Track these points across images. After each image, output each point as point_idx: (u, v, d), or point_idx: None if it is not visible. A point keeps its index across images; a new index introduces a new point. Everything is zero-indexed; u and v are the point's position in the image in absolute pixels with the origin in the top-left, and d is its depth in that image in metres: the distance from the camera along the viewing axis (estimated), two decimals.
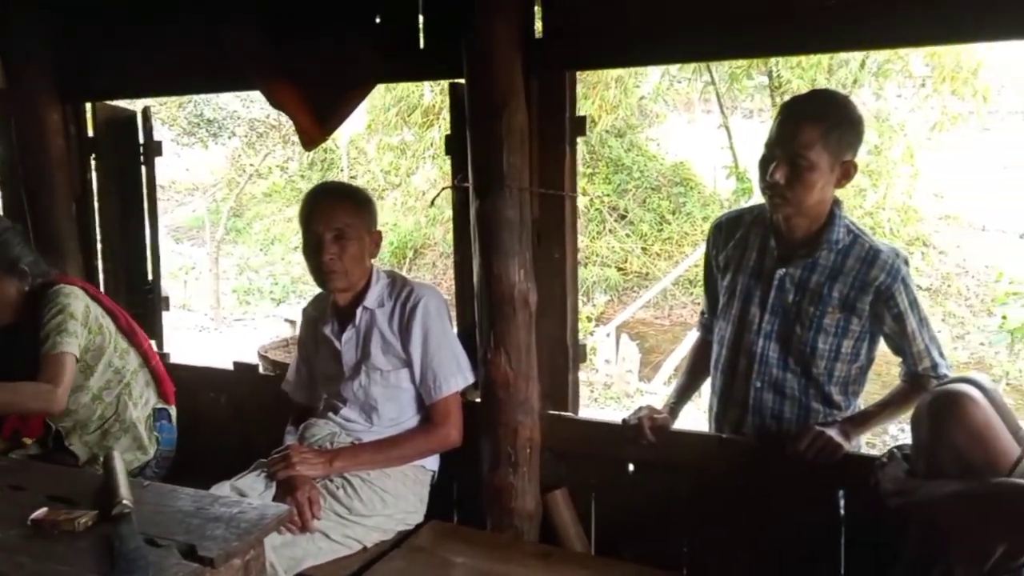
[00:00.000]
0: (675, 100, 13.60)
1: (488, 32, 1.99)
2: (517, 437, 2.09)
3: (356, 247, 2.06)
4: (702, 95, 14.20)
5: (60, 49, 2.66)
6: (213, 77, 2.61)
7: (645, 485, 2.11)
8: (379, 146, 12.60)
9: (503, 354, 2.07)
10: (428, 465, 2.15)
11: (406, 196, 12.85)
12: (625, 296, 10.74)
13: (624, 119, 11.93)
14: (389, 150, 12.57)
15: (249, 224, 13.53)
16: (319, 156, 13.38)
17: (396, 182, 13.13)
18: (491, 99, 2.01)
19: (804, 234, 1.91)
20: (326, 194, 2.13)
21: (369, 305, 2.11)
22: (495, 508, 2.11)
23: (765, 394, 1.97)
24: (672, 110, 13.79)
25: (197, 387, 2.67)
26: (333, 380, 2.17)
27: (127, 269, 2.91)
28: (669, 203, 11.96)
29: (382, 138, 12.36)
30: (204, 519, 1.54)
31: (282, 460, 1.98)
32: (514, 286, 2.06)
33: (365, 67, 2.29)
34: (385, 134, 12.27)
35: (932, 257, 10.32)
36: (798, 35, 1.86)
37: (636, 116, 12.73)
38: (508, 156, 2.02)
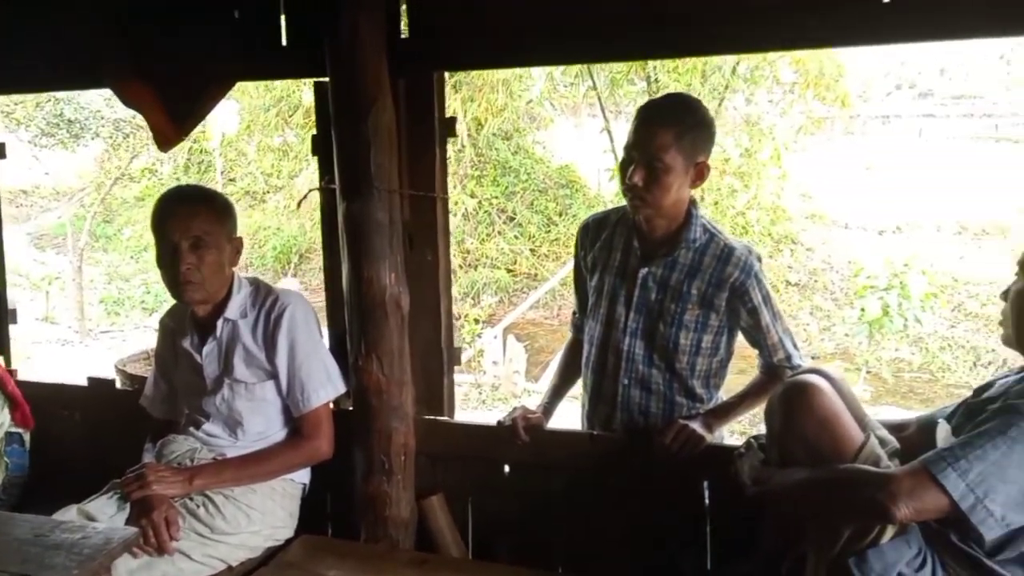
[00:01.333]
0: (562, 104, 13.84)
1: (352, 30, 1.94)
2: (391, 444, 2.05)
3: (215, 256, 1.96)
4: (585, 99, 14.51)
5: None
6: (60, 74, 2.43)
7: (520, 486, 2.12)
8: (259, 147, 12.21)
9: (375, 360, 2.03)
10: (298, 478, 2.07)
11: (289, 199, 12.49)
12: (515, 297, 10.83)
13: (511, 122, 12.05)
14: (270, 151, 12.20)
15: (119, 230, 12.81)
16: (195, 158, 12.85)
17: (279, 184, 12.75)
18: (357, 99, 1.96)
19: (664, 233, 1.96)
20: (181, 200, 2.00)
21: (230, 316, 2.01)
22: (369, 518, 2.06)
23: (632, 390, 2.01)
24: (559, 114, 14.02)
25: (49, 406, 2.49)
26: (194, 394, 2.07)
27: None
28: (556, 205, 12.14)
29: (262, 139, 11.98)
30: (43, 547, 1.43)
31: (136, 479, 1.86)
32: (385, 290, 2.02)
33: (223, 64, 2.20)
34: (265, 135, 11.91)
35: (800, 254, 10.92)
36: (653, 39, 1.91)
37: (524, 119, 12.88)
38: (376, 157, 1.98)
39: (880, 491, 1.38)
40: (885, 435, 1.62)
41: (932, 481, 1.36)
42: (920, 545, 1.46)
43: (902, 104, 23.18)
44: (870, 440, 1.51)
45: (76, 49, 2.27)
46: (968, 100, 22.80)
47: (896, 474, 1.41)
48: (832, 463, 1.50)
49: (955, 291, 9.71)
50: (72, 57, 2.29)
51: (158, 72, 2.23)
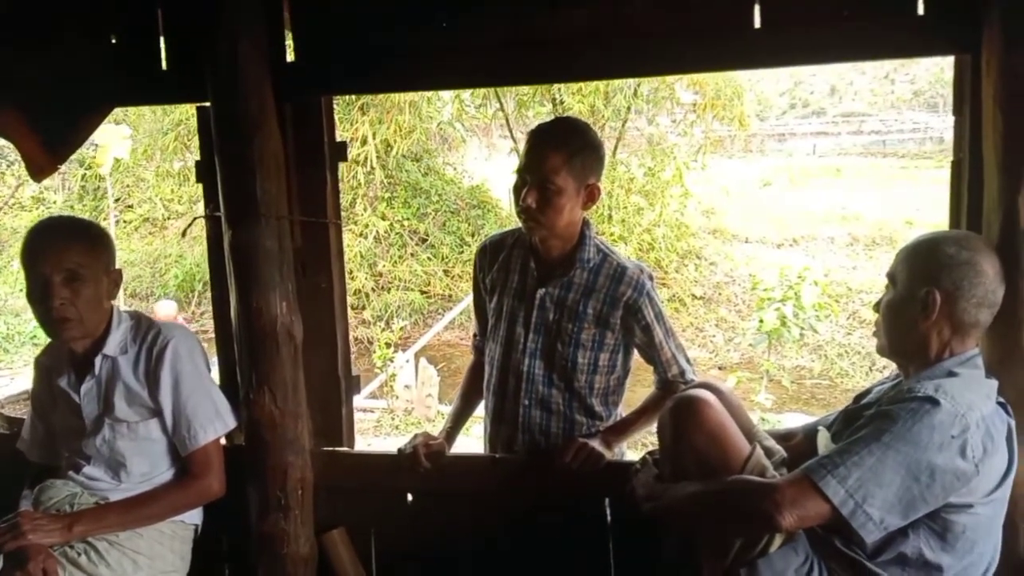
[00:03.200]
0: (472, 125, 13.93)
1: (232, 55, 1.89)
2: (287, 479, 1.98)
3: (92, 290, 1.86)
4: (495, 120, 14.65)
5: None
6: None
7: (424, 514, 2.08)
8: (158, 172, 11.79)
9: (267, 393, 1.96)
10: (189, 519, 1.98)
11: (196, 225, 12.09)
12: (429, 319, 10.76)
13: (421, 144, 12.04)
14: (169, 177, 11.81)
15: (9, 262, 12.11)
16: (90, 184, 12.31)
17: (180, 211, 12.34)
18: (240, 124, 1.91)
19: (559, 254, 1.98)
20: (52, 231, 1.89)
21: (109, 352, 1.91)
22: (266, 557, 1.99)
23: (533, 411, 2.01)
24: (470, 135, 14.10)
25: None
26: (74, 436, 1.95)
27: None
28: (468, 225, 12.18)
29: (160, 164, 11.58)
30: None
31: (10, 529, 1.74)
32: (276, 319, 1.96)
33: (100, 90, 2.11)
34: (164, 160, 11.51)
35: (704, 268, 11.28)
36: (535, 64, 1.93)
37: (435, 141, 12.90)
38: (262, 183, 1.92)
39: (765, 501, 1.41)
40: (772, 445, 1.66)
41: (814, 488, 1.40)
42: (807, 551, 1.50)
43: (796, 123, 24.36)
44: (756, 451, 1.56)
45: None
46: (857, 118, 24.17)
47: (780, 484, 1.44)
48: (721, 475, 1.53)
49: (849, 299, 10.20)
50: None
51: (29, 99, 2.12)
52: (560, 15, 1.84)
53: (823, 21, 1.74)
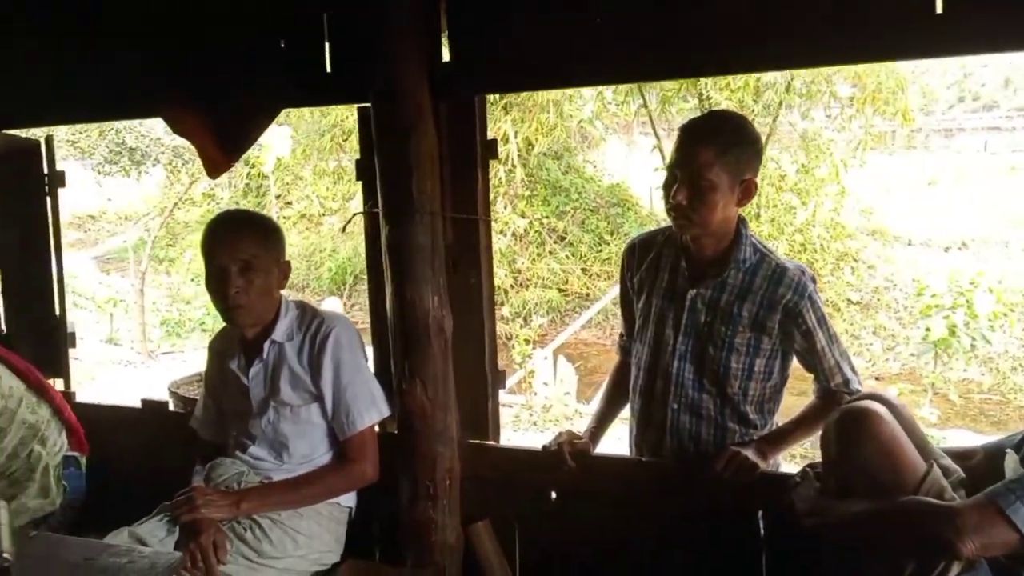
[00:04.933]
0: (613, 123, 13.82)
1: (394, 56, 1.95)
2: (436, 469, 2.03)
3: (263, 279, 1.98)
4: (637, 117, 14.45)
5: None
6: (115, 105, 2.51)
7: (568, 512, 2.07)
8: (315, 171, 12.46)
9: (419, 384, 2.01)
10: (344, 502, 2.07)
11: (344, 222, 12.70)
12: (566, 317, 10.77)
13: (561, 142, 12.06)
14: (325, 175, 12.44)
15: (181, 253, 13.19)
16: (253, 182, 13.18)
17: (334, 207, 12.98)
18: (398, 123, 1.97)
19: (712, 253, 1.91)
20: (230, 223, 2.03)
21: (277, 339, 2.03)
22: (415, 544, 2.04)
23: (682, 416, 1.95)
24: (611, 133, 14.00)
25: (105, 427, 2.53)
26: (241, 417, 2.08)
27: (30, 306, 2.76)
28: (607, 224, 12.09)
29: (317, 163, 12.23)
30: (90, 571, 1.45)
31: (185, 503, 1.88)
32: (428, 313, 2.01)
33: (270, 92, 2.23)
34: (320, 159, 12.15)
35: (861, 272, 10.63)
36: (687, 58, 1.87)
37: (575, 139, 12.89)
38: (418, 181, 1.98)
39: (946, 526, 1.30)
40: (949, 464, 1.53)
41: (1000, 516, 1.28)
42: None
43: (965, 117, 22.51)
44: (933, 470, 1.44)
45: (130, 79, 2.33)
46: None
47: (962, 508, 1.33)
48: (893, 494, 1.42)
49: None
50: (126, 87, 2.35)
51: (207, 100, 2.27)
52: (718, 6, 1.77)
53: (1014, 4, 1.58)
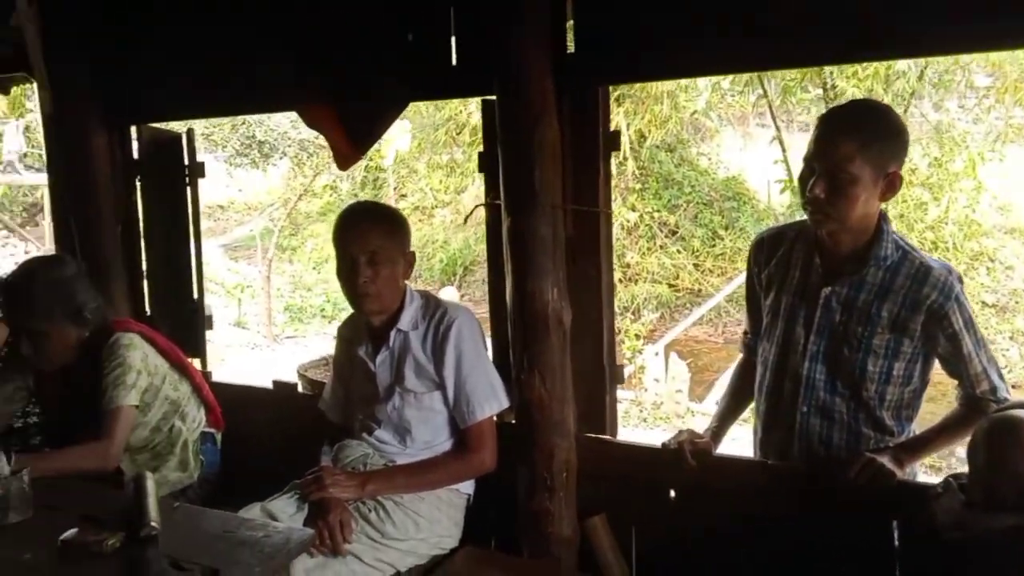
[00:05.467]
0: (728, 114, 13.44)
1: (519, 48, 1.96)
2: (553, 461, 2.03)
3: (390, 269, 2.03)
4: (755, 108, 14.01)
5: (105, 74, 2.71)
6: (252, 100, 2.63)
7: (687, 512, 2.03)
8: (429, 164, 12.73)
9: (537, 375, 2.02)
10: (463, 489, 2.11)
11: (455, 214, 12.93)
12: (676, 313, 10.58)
13: (675, 134, 11.83)
14: (439, 168, 12.69)
15: (303, 242, 13.78)
16: (370, 175, 13.59)
17: (446, 200, 13.24)
18: (522, 115, 1.98)
19: (850, 250, 1.82)
20: (359, 215, 2.10)
21: (403, 327, 2.08)
22: (532, 534, 2.06)
23: (812, 419, 1.87)
24: (725, 124, 13.62)
25: (238, 406, 2.67)
26: (368, 401, 2.15)
27: (171, 289, 2.94)
28: (722, 218, 11.78)
29: (431, 156, 12.48)
30: (230, 543, 1.52)
31: (314, 482, 1.96)
32: (547, 305, 2.01)
33: (398, 85, 2.28)
34: (434, 153, 12.40)
35: (998, 273, 9.91)
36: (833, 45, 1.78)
37: (688, 131, 12.62)
38: (540, 173, 1.98)
39: None
40: None
41: None
42: None
43: None
44: None
45: (264, 75, 2.44)
46: None
47: None
48: None
49: None
50: (260, 83, 2.46)
51: (338, 94, 2.35)
52: None
53: None
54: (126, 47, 2.70)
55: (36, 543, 1.55)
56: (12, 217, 14.98)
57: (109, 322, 2.25)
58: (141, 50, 2.68)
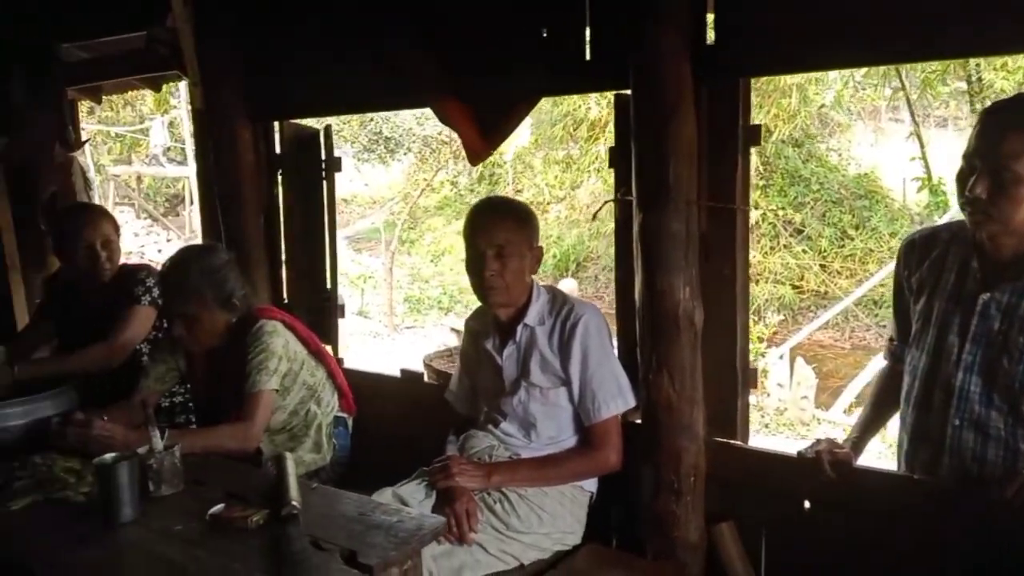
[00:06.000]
0: (859, 108, 12.79)
1: (656, 41, 1.92)
2: (680, 463, 1.99)
3: (517, 263, 2.05)
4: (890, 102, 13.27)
5: (252, 73, 2.86)
6: (388, 96, 2.69)
7: (822, 525, 1.94)
8: (544, 160, 12.76)
9: (666, 375, 1.98)
10: (587, 486, 2.09)
11: (570, 209, 12.91)
12: (800, 316, 10.17)
13: (802, 128, 11.37)
14: (555, 164, 12.70)
15: (421, 236, 14.12)
16: (487, 170, 13.77)
17: (560, 195, 13.24)
18: (658, 109, 1.94)
19: (1012, 254, 1.68)
20: (489, 210, 2.13)
21: (529, 322, 2.09)
22: (656, 536, 2.02)
23: (965, 433, 1.74)
24: (856, 118, 12.98)
25: (367, 393, 2.75)
26: (494, 394, 2.17)
27: (307, 278, 3.07)
28: (852, 217, 11.23)
29: (548, 152, 12.51)
30: (366, 526, 1.57)
31: (442, 470, 2.00)
32: (679, 304, 1.97)
33: (531, 81, 2.29)
34: (551, 148, 12.41)
35: None
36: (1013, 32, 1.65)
37: (815, 125, 12.10)
38: (675, 168, 1.94)
39: None
40: None
41: None
42: None
43: None
44: None
45: (398, 71, 2.49)
46: None
47: None
48: None
49: None
50: (397, 80, 2.52)
51: (472, 90, 2.38)
52: None
53: None
54: (271, 47, 2.83)
55: (186, 516, 1.65)
56: (156, 207, 16.10)
57: (254, 309, 2.37)
58: (285, 50, 2.81)
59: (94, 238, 2.62)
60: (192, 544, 1.54)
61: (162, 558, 1.50)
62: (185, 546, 1.53)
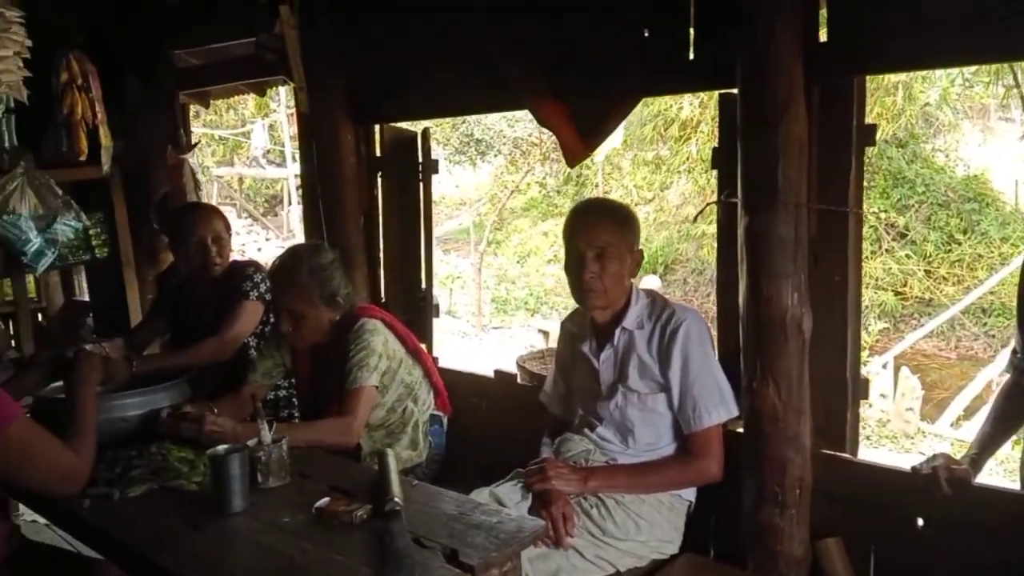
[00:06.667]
0: (966, 107, 12.14)
1: (767, 39, 1.87)
2: (785, 475, 1.92)
3: (617, 266, 2.02)
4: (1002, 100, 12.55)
5: (353, 76, 2.93)
6: (487, 98, 2.71)
7: (938, 545, 1.84)
8: (633, 161, 12.61)
9: (771, 384, 1.92)
10: (685, 494, 2.05)
11: (658, 211, 12.72)
12: (902, 324, 9.72)
13: (907, 128, 10.86)
14: (644, 165, 12.53)
15: (508, 237, 14.18)
16: (575, 172, 13.71)
17: (649, 197, 13.05)
18: (766, 108, 1.88)
19: None
20: (590, 211, 2.11)
21: (628, 326, 2.06)
22: (758, 549, 1.96)
23: None
24: (963, 118, 12.32)
25: (460, 392, 2.77)
26: (590, 397, 2.15)
27: (404, 278, 3.13)
28: (960, 221, 10.66)
29: (637, 153, 12.36)
30: (466, 525, 1.57)
31: (538, 472, 1.98)
32: (786, 311, 1.91)
33: (631, 81, 2.26)
34: (640, 149, 12.26)
35: None
36: None
37: (920, 125, 11.55)
38: (784, 169, 1.88)
39: None
40: None
41: None
42: None
43: None
44: None
45: (499, 74, 2.49)
46: None
47: None
48: None
49: None
50: (496, 82, 2.53)
51: (571, 91, 2.37)
52: None
53: None
54: (373, 51, 2.89)
55: (293, 508, 1.69)
56: (256, 207, 16.74)
57: (356, 307, 2.42)
58: (386, 54, 2.87)
59: (205, 234, 2.73)
60: (298, 536, 1.57)
61: (271, 548, 1.54)
62: (292, 538, 1.57)
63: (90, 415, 1.83)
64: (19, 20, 2.84)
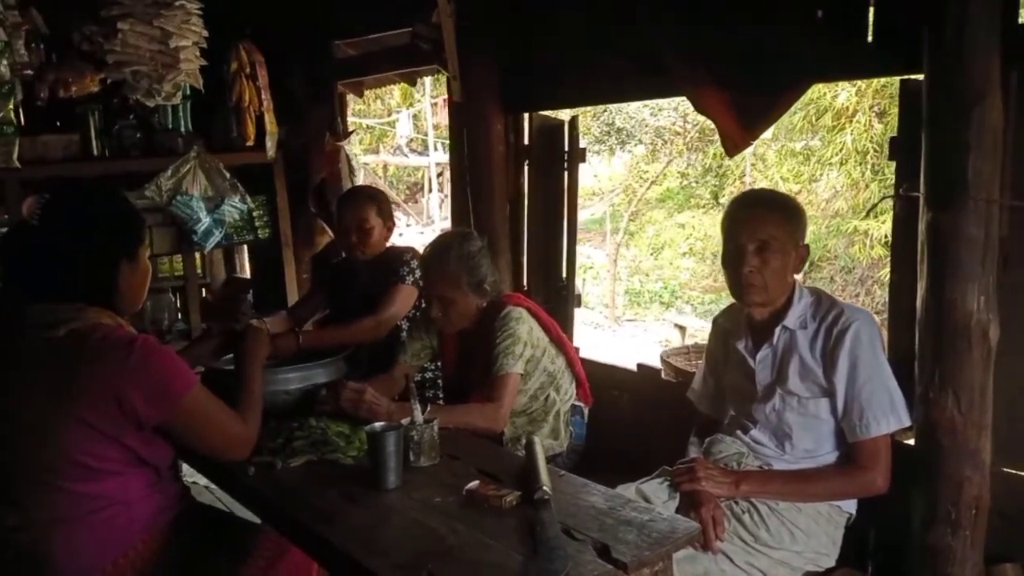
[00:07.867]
0: None
1: (961, 20, 1.71)
2: (961, 494, 1.78)
3: (779, 261, 1.92)
4: None
5: (505, 65, 2.94)
6: (642, 85, 2.65)
7: None
8: (780, 152, 12.06)
9: (950, 395, 1.77)
10: (845, 506, 1.93)
11: (806, 205, 12.10)
12: None
13: None
14: (791, 156, 11.97)
15: (642, 228, 13.94)
16: (714, 162, 13.28)
17: (795, 190, 12.44)
18: (958, 96, 1.73)
19: None
20: (752, 203, 2.01)
21: (789, 325, 1.95)
22: (926, 570, 1.83)
23: None
24: None
25: (600, 384, 2.74)
26: (743, 398, 2.06)
27: (545, 267, 3.13)
28: None
29: (784, 144, 11.82)
30: (616, 520, 1.54)
31: (687, 472, 1.93)
32: (971, 316, 1.75)
33: (801, 66, 2.14)
34: (788, 139, 11.71)
35: None
36: None
37: None
38: (975, 161, 1.72)
39: None
40: None
41: None
42: None
43: None
44: None
45: (653, 59, 2.43)
46: None
47: None
48: None
49: None
50: (650, 69, 2.46)
51: (733, 77, 2.27)
52: None
53: None
54: (524, 39, 2.90)
55: (443, 488, 1.72)
56: (398, 193, 17.30)
57: (502, 295, 2.44)
58: (538, 41, 2.86)
59: (350, 222, 2.82)
60: (450, 516, 1.59)
61: (423, 525, 1.57)
62: (444, 517, 1.59)
63: (257, 387, 1.94)
64: (198, 12, 3.05)
